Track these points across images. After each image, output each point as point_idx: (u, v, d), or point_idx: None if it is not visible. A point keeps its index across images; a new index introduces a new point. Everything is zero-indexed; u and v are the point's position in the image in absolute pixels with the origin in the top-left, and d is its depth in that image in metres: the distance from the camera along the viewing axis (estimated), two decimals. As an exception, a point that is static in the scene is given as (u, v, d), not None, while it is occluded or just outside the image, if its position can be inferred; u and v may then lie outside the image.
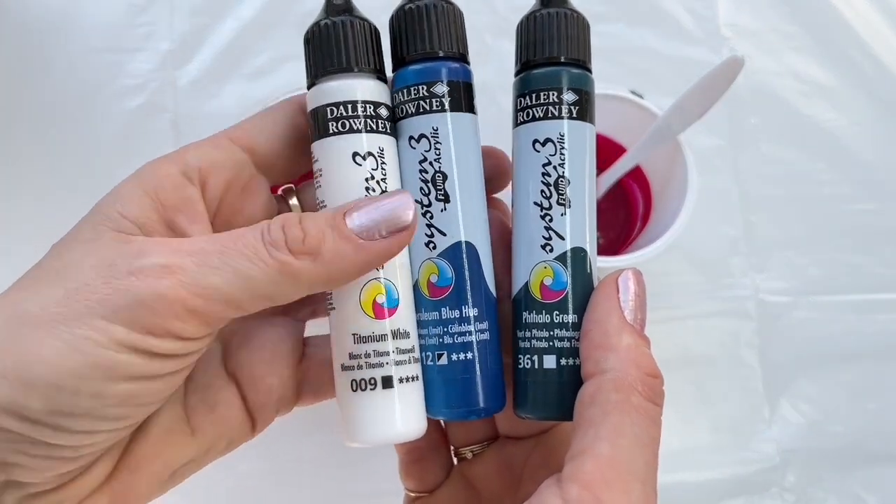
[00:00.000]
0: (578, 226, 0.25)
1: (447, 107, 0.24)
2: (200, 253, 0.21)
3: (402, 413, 0.24)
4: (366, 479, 0.44)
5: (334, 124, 0.24)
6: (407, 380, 0.24)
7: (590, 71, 0.26)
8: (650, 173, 0.46)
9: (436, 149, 0.24)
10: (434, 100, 0.24)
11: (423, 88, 0.24)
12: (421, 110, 0.24)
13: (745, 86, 0.49)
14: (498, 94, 0.50)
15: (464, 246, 0.25)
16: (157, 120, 0.50)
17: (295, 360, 0.27)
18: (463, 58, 0.25)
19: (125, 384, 0.20)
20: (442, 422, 0.30)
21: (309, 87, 0.25)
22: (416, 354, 0.25)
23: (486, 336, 0.25)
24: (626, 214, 0.49)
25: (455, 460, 0.30)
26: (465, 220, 0.25)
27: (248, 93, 0.51)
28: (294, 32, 0.52)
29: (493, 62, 0.49)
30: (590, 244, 0.25)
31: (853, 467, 0.48)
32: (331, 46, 0.24)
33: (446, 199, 0.24)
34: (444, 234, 0.25)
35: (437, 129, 0.24)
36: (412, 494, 0.30)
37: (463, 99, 0.25)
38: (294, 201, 0.28)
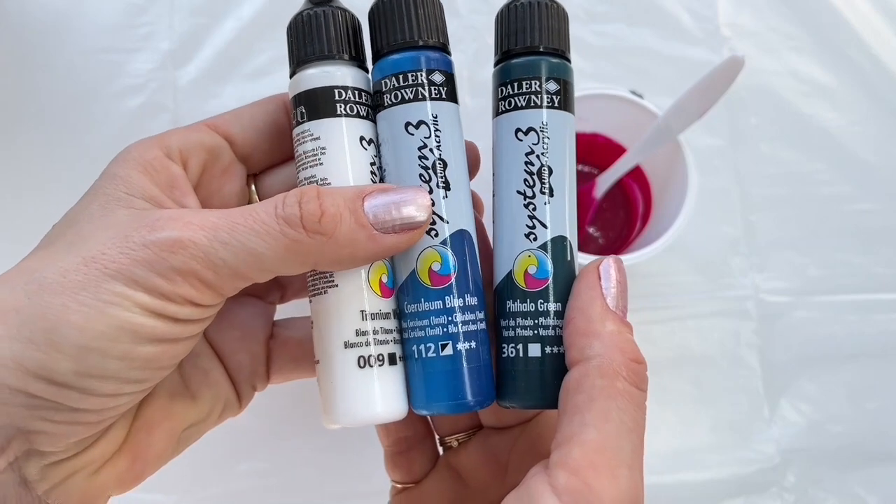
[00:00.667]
0: (561, 214, 0.25)
1: (444, 95, 0.25)
2: (212, 228, 0.21)
3: (399, 391, 0.25)
4: (366, 479, 0.44)
5: (342, 106, 0.24)
6: (401, 359, 0.25)
7: (569, 60, 0.26)
8: (650, 173, 0.46)
9: (436, 136, 0.24)
10: (433, 87, 0.24)
11: (421, 75, 0.24)
12: (420, 97, 0.24)
13: (745, 86, 0.49)
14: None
15: (464, 233, 0.25)
16: (157, 120, 0.50)
17: (264, 339, 0.28)
18: (447, 49, 0.26)
19: (150, 346, 0.21)
20: None
21: (294, 72, 0.25)
22: (401, 335, 0.25)
23: (483, 325, 0.25)
24: (626, 214, 0.49)
25: (440, 449, 0.30)
26: (462, 208, 0.25)
27: (249, 93, 0.51)
28: (294, 32, 0.52)
29: (493, 62, 0.49)
30: (571, 233, 0.25)
31: (853, 467, 0.48)
32: (341, 32, 0.25)
33: (448, 187, 0.24)
34: (447, 222, 0.24)
35: (436, 117, 0.24)
36: (399, 486, 0.30)
37: (452, 89, 0.25)
38: (252, 188, 0.28)
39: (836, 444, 0.48)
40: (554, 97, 0.25)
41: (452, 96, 0.25)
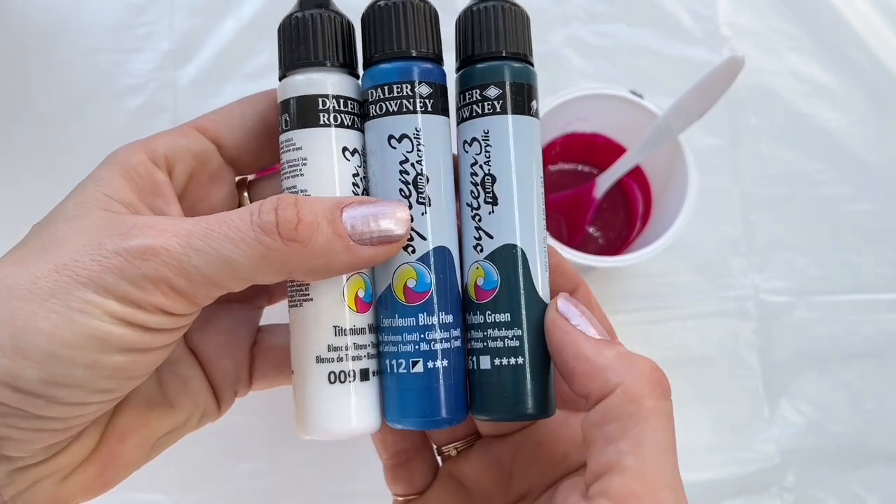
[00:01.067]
0: (507, 223, 0.24)
1: (429, 108, 0.24)
2: (186, 234, 0.21)
3: (373, 406, 0.24)
4: (365, 480, 0.44)
5: (325, 115, 0.24)
6: (375, 374, 0.25)
7: (531, 64, 0.25)
8: (650, 173, 0.46)
9: (418, 151, 0.24)
10: (418, 100, 0.24)
11: (406, 87, 0.24)
12: (404, 109, 0.24)
13: (745, 86, 0.49)
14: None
15: (443, 250, 0.24)
16: (157, 120, 0.50)
17: (249, 346, 0.28)
18: (440, 59, 0.25)
19: (118, 356, 0.21)
20: None
21: (283, 77, 0.25)
22: (378, 350, 0.25)
23: (458, 343, 0.24)
24: (626, 214, 0.49)
25: (439, 459, 0.30)
26: (443, 225, 0.24)
27: (248, 93, 0.50)
28: (294, 32, 0.52)
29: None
30: (523, 240, 0.24)
31: (853, 467, 0.48)
32: (331, 37, 0.24)
33: (427, 203, 0.24)
34: (424, 238, 0.24)
35: (419, 131, 0.24)
36: (401, 499, 0.30)
37: (441, 101, 0.24)
38: (245, 195, 0.28)
39: (836, 444, 0.48)
40: (495, 103, 0.24)
41: (441, 109, 0.24)
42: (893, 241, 0.51)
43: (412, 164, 0.24)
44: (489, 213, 0.24)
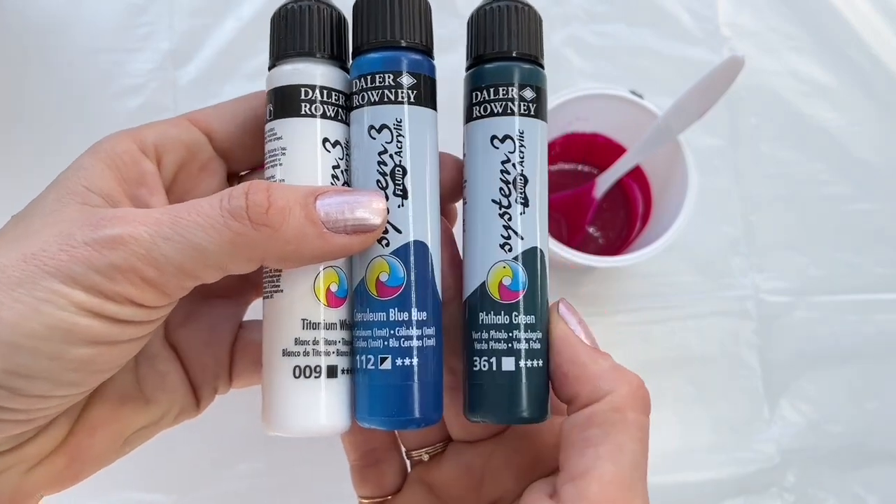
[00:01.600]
0: (535, 225, 0.24)
1: (412, 99, 0.23)
2: (155, 223, 0.20)
3: (341, 405, 0.24)
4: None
5: (306, 105, 0.23)
6: (347, 372, 0.24)
7: (542, 67, 0.25)
8: (650, 173, 0.46)
9: (398, 141, 0.23)
10: (400, 90, 0.23)
11: (388, 77, 0.23)
12: (385, 100, 0.23)
13: (745, 86, 0.49)
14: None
15: (419, 245, 0.24)
16: (157, 119, 0.50)
17: (231, 342, 0.27)
18: (429, 51, 0.25)
19: (84, 348, 0.20)
20: None
21: (272, 67, 0.24)
22: (351, 347, 0.24)
23: (432, 342, 0.24)
24: (626, 214, 0.49)
25: (409, 464, 0.29)
26: (422, 219, 0.24)
27: (248, 92, 0.51)
28: (294, 32, 0.52)
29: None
30: (543, 244, 0.24)
31: (853, 467, 0.48)
32: (321, 29, 0.24)
33: (404, 195, 0.23)
34: (400, 232, 0.23)
35: (400, 122, 0.23)
36: (366, 501, 0.29)
37: (427, 93, 0.24)
38: None
39: (836, 444, 0.48)
40: (530, 105, 0.24)
41: (426, 101, 0.24)
42: (893, 241, 0.51)
43: (391, 156, 0.23)
44: (521, 214, 0.24)
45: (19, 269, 0.20)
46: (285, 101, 0.24)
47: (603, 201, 0.47)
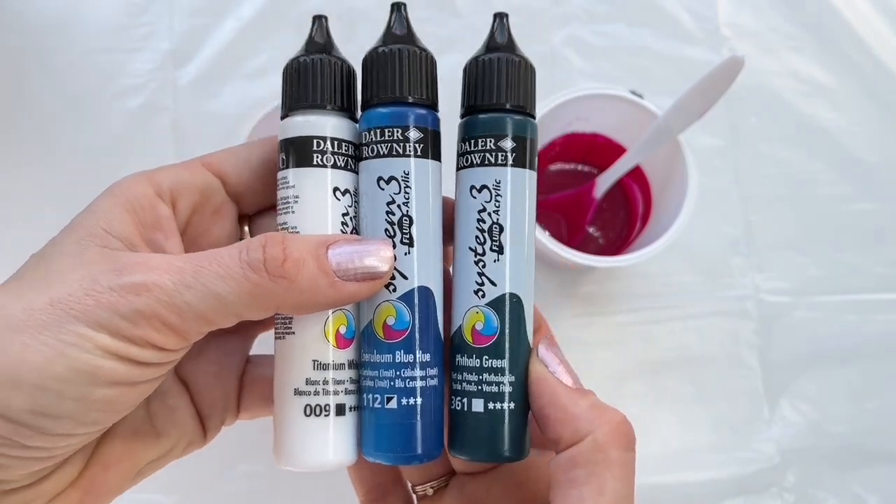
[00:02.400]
0: (511, 272, 0.25)
1: (419, 152, 0.25)
2: (178, 272, 0.21)
3: (349, 441, 0.25)
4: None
5: (318, 156, 0.24)
6: (353, 409, 0.25)
7: (533, 116, 0.26)
8: (650, 173, 0.46)
9: (405, 193, 0.24)
10: (407, 144, 0.24)
11: (397, 131, 0.24)
12: (394, 153, 0.24)
13: (745, 86, 0.49)
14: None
15: (423, 291, 0.25)
16: (157, 120, 0.50)
17: (239, 375, 0.28)
18: (434, 105, 0.25)
19: (107, 389, 0.21)
20: None
21: (284, 116, 0.25)
22: (358, 386, 0.25)
23: (434, 382, 0.25)
24: (626, 214, 0.49)
25: (415, 498, 0.30)
26: (427, 266, 0.25)
27: (248, 93, 0.51)
28: (294, 33, 0.52)
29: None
30: (522, 290, 0.25)
31: (853, 467, 0.48)
32: (331, 82, 0.25)
33: (411, 244, 0.24)
34: (406, 278, 0.25)
35: (407, 174, 0.24)
36: None
37: (432, 146, 0.25)
38: (245, 229, 0.28)
39: (835, 443, 0.48)
40: (509, 154, 0.25)
41: (432, 153, 0.25)
42: (893, 241, 0.51)
43: (398, 206, 0.24)
44: (494, 261, 0.25)
45: (46, 314, 0.20)
46: (297, 152, 0.25)
47: (603, 201, 0.47)
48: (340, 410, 0.25)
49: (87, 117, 0.50)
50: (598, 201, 0.47)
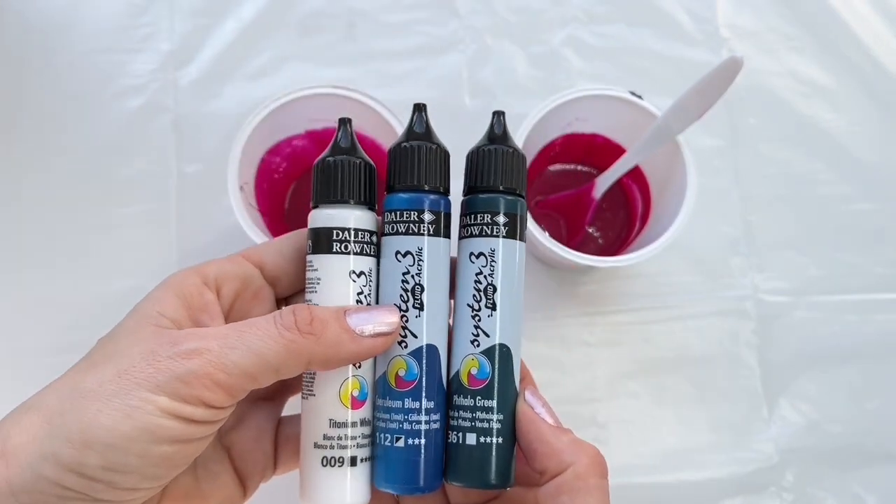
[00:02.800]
0: (502, 326, 0.29)
1: (431, 231, 0.29)
2: (223, 337, 0.25)
3: (361, 486, 0.29)
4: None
5: (337, 245, 0.29)
6: (365, 460, 0.29)
7: (523, 196, 0.30)
8: (650, 173, 0.46)
9: (418, 265, 0.29)
10: (422, 224, 0.29)
11: (414, 214, 0.29)
12: (410, 231, 0.29)
13: (744, 86, 0.49)
14: (498, 93, 0.51)
15: (430, 348, 0.29)
16: (157, 120, 0.50)
17: (274, 437, 0.33)
18: (446, 191, 0.30)
19: (166, 446, 0.25)
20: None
21: (313, 207, 0.30)
22: (370, 438, 0.30)
23: (437, 425, 0.29)
24: (625, 214, 0.49)
25: None
26: (434, 327, 0.29)
27: (249, 93, 0.51)
28: (294, 33, 0.52)
29: (492, 62, 0.49)
30: (511, 341, 0.29)
31: (852, 467, 0.48)
32: (353, 180, 0.29)
33: (421, 308, 0.29)
34: (416, 337, 0.29)
35: (420, 250, 0.29)
36: None
37: (443, 226, 0.29)
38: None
39: (835, 443, 0.48)
40: (503, 228, 0.30)
41: (443, 232, 0.29)
42: (893, 241, 0.51)
43: (412, 276, 0.29)
44: (488, 316, 0.29)
45: (115, 384, 0.24)
46: (321, 240, 0.29)
47: (602, 201, 0.47)
48: (353, 462, 0.29)
49: (88, 118, 0.50)
50: (598, 201, 0.47)
